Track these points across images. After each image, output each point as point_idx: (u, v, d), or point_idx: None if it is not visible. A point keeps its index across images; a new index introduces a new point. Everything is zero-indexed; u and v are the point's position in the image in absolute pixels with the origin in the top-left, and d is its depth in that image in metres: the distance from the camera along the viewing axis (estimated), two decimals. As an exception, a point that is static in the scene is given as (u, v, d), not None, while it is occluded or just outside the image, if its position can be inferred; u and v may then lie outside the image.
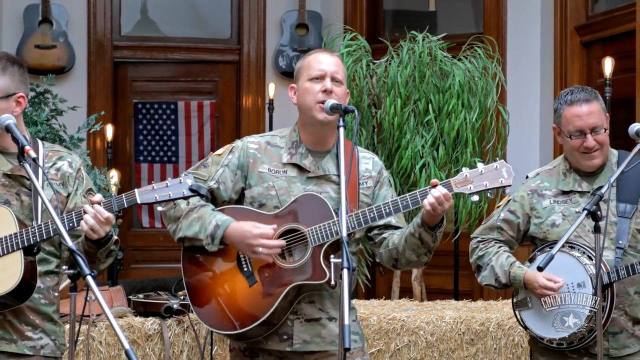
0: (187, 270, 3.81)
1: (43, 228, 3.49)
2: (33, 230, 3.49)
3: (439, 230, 3.70)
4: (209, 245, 3.69)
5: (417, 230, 3.68)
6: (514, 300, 4.26)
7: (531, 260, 4.21)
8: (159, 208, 3.70)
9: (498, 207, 4.34)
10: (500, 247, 4.27)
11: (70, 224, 3.47)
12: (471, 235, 4.41)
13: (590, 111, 4.09)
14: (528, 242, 4.37)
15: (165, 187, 3.49)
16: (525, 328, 4.22)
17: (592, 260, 4.02)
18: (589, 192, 4.13)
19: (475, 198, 3.65)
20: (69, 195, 3.69)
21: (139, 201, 3.47)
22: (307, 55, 3.85)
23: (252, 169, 3.80)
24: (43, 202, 3.34)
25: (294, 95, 3.83)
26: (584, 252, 4.06)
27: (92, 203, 3.48)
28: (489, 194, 3.67)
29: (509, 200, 4.29)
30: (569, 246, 4.04)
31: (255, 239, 3.62)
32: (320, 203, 3.69)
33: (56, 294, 3.72)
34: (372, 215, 3.66)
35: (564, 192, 4.18)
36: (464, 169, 3.67)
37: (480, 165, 3.66)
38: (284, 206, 3.73)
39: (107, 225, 3.47)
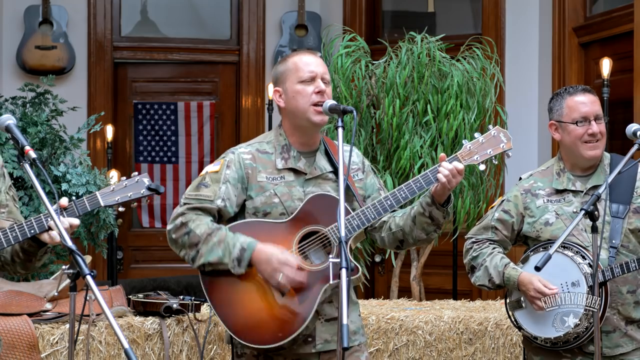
0: (213, 293, 3.76)
1: (2, 236, 3.41)
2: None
3: (449, 206, 3.74)
4: (235, 268, 3.67)
5: (427, 209, 3.71)
6: (507, 300, 4.30)
7: (524, 261, 4.24)
8: (172, 234, 3.73)
9: (492, 207, 4.39)
10: (494, 247, 4.30)
11: (32, 231, 3.41)
12: (465, 236, 4.44)
13: (593, 100, 4.23)
14: (521, 243, 4.41)
15: (124, 187, 3.50)
16: (519, 328, 4.25)
17: (585, 259, 4.06)
18: (582, 191, 4.19)
19: (483, 167, 3.77)
20: None
21: (102, 204, 3.47)
22: (289, 58, 3.83)
23: (251, 179, 3.78)
24: (42, 201, 3.33)
25: (280, 99, 3.81)
26: (577, 252, 4.09)
27: (61, 208, 3.41)
28: (494, 161, 3.79)
29: (502, 201, 4.33)
30: (562, 246, 4.07)
31: (280, 264, 3.63)
32: (332, 201, 3.69)
33: None
34: (389, 202, 3.72)
35: (558, 192, 4.24)
36: (464, 141, 3.75)
37: (478, 135, 3.75)
38: (290, 211, 3.73)
39: (68, 233, 3.41)
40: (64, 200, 3.43)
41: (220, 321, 3.76)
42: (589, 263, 4.03)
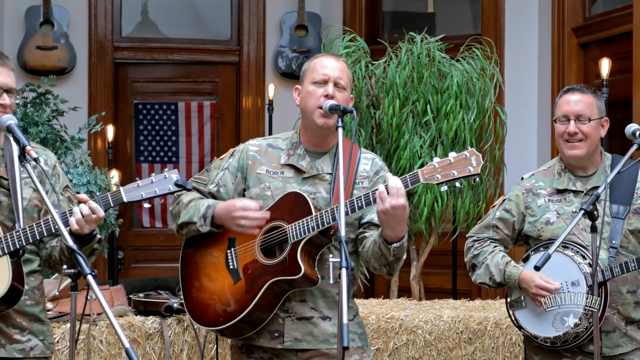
0: (183, 269, 3.91)
1: (28, 231, 3.44)
2: (18, 233, 3.44)
3: (394, 245, 3.60)
4: (202, 227, 3.77)
5: (377, 241, 3.65)
6: (508, 299, 4.31)
7: (525, 260, 4.25)
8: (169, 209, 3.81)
9: (494, 206, 4.39)
10: (495, 246, 4.31)
11: (56, 227, 3.40)
12: (467, 235, 4.45)
13: (579, 100, 4.20)
14: (522, 243, 4.42)
15: (150, 183, 3.45)
16: (520, 327, 4.26)
17: (585, 259, 4.07)
18: (582, 191, 4.20)
19: (444, 188, 3.60)
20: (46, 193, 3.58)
21: (125, 199, 3.43)
22: (314, 58, 3.86)
23: (250, 170, 3.86)
24: (44, 201, 3.31)
25: (297, 97, 3.86)
26: (577, 252, 4.10)
27: (80, 201, 3.44)
28: (457, 184, 3.60)
29: (504, 200, 4.34)
30: (562, 246, 4.08)
31: (237, 211, 3.68)
32: (302, 200, 3.71)
33: (41, 292, 3.68)
34: (345, 209, 3.56)
35: (559, 191, 4.25)
36: (434, 159, 3.61)
37: (451, 155, 3.60)
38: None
39: (94, 223, 3.44)
40: (84, 196, 3.45)
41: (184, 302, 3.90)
42: (589, 263, 4.04)
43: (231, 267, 3.79)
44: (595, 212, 3.76)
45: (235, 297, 3.75)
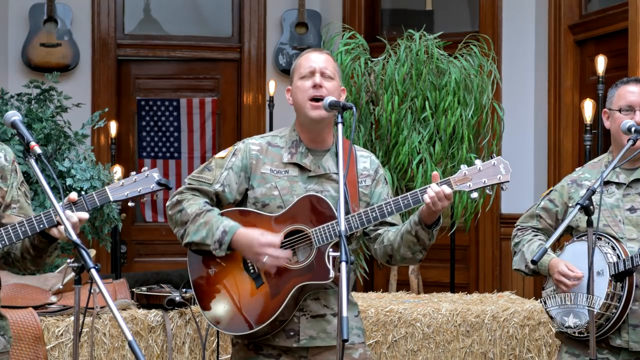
0: (194, 272, 3.84)
1: (11, 230, 3.41)
2: (0, 233, 3.42)
3: (435, 229, 3.72)
4: (217, 251, 3.70)
5: (414, 228, 3.70)
6: (544, 289, 4.31)
7: (561, 249, 4.27)
8: (168, 211, 3.77)
9: (542, 196, 4.40)
10: (535, 235, 4.31)
11: (41, 225, 3.40)
12: (515, 224, 4.46)
13: None
14: (568, 233, 4.42)
15: (134, 182, 3.49)
16: (551, 318, 4.23)
17: (615, 250, 4.03)
18: (625, 184, 4.15)
19: (475, 195, 3.67)
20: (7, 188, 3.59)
21: (111, 199, 3.46)
22: (299, 57, 3.86)
23: (254, 170, 3.81)
24: (48, 196, 3.34)
25: (289, 97, 3.85)
26: (607, 242, 4.06)
27: (70, 202, 3.42)
28: (487, 191, 3.69)
29: (551, 190, 4.34)
30: (596, 237, 4.04)
31: (262, 247, 3.63)
32: (323, 203, 3.71)
33: None
34: (374, 214, 3.68)
35: (603, 183, 4.22)
36: (462, 166, 3.67)
37: (478, 163, 3.67)
38: (287, 206, 3.74)
39: (77, 227, 3.40)
40: (74, 195, 3.44)
41: (197, 303, 3.83)
42: (617, 254, 4.00)
43: (252, 271, 3.74)
44: (591, 207, 3.76)
45: (261, 301, 3.71)
